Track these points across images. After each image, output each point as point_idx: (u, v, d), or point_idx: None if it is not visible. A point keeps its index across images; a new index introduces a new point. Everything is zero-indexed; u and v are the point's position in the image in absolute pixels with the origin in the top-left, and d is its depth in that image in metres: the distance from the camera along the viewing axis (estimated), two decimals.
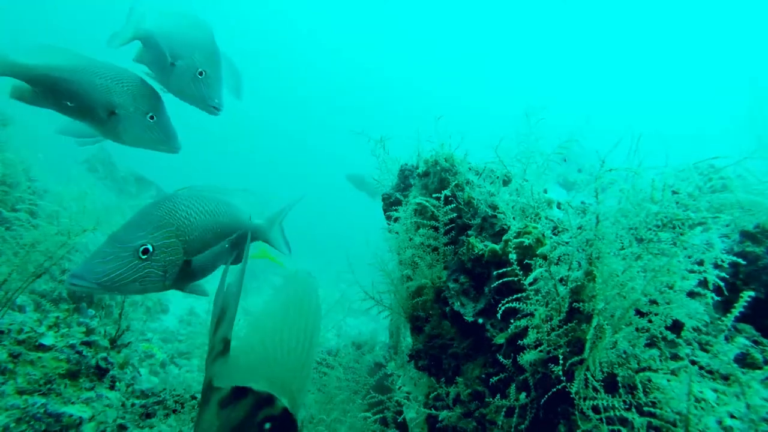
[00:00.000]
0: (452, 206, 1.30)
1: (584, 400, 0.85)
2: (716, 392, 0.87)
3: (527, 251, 1.00)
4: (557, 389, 0.87)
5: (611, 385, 0.87)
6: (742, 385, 0.82)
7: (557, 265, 0.94)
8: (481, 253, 1.12)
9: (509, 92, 29.35)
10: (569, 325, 0.88)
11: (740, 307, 0.76)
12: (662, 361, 0.90)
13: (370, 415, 1.35)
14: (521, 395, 0.93)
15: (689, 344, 0.93)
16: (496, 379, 0.98)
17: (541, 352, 0.90)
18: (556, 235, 1.05)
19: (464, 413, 1.06)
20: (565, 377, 0.87)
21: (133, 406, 1.80)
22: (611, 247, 0.87)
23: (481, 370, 1.07)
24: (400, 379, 1.54)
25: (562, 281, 0.90)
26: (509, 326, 0.99)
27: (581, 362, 0.85)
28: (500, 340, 1.02)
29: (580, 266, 0.91)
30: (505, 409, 0.96)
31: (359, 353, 1.66)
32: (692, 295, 0.89)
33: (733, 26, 22.13)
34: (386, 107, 31.56)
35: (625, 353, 0.88)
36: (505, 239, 1.07)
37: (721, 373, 0.90)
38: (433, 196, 1.31)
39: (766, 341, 1.00)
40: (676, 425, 0.81)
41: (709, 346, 0.93)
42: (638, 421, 0.81)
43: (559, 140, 1.31)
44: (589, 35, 25.52)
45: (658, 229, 0.92)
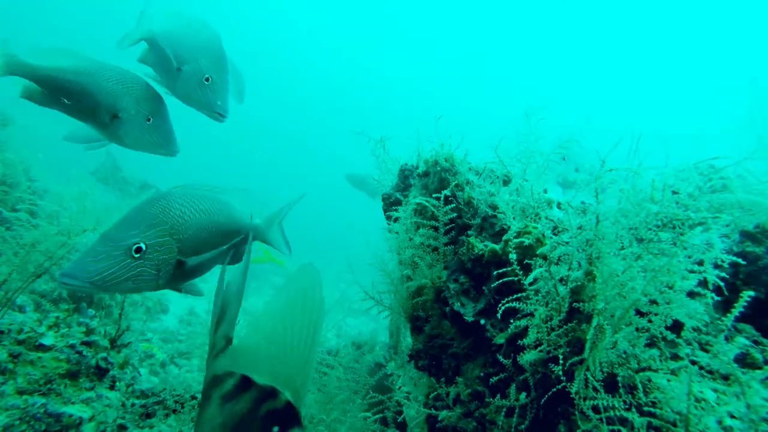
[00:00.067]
0: (452, 206, 1.30)
1: (584, 400, 0.85)
2: (716, 392, 0.87)
3: (527, 251, 1.00)
4: (557, 389, 0.87)
5: (611, 385, 0.87)
6: (742, 385, 0.82)
7: (557, 265, 0.94)
8: (481, 253, 1.12)
9: (509, 92, 29.31)
10: (569, 325, 0.88)
11: (740, 307, 0.76)
12: (662, 361, 0.90)
13: (370, 415, 1.35)
14: (521, 395, 0.93)
15: (689, 344, 0.93)
16: (496, 379, 0.98)
17: (541, 352, 0.90)
18: (556, 235, 1.05)
19: (464, 413, 1.06)
20: (565, 377, 0.87)
21: (133, 406, 1.80)
22: (611, 247, 0.87)
23: (481, 370, 1.07)
24: (400, 379, 1.54)
25: (562, 281, 0.90)
26: (509, 326, 0.99)
27: (581, 362, 0.85)
28: (500, 340, 1.02)
29: (580, 266, 0.91)
30: (505, 409, 0.96)
31: (359, 353, 1.66)
32: (692, 295, 0.89)
33: (733, 26, 22.13)
34: (386, 107, 31.53)
35: (625, 353, 0.88)
36: (505, 239, 1.07)
37: (721, 373, 0.90)
38: (433, 196, 1.31)
39: (766, 341, 1.00)
40: (676, 425, 0.81)
41: (709, 346, 0.93)
42: (638, 421, 0.81)
43: (559, 140, 1.31)
44: (589, 35, 25.52)
45: (658, 229, 0.92)
